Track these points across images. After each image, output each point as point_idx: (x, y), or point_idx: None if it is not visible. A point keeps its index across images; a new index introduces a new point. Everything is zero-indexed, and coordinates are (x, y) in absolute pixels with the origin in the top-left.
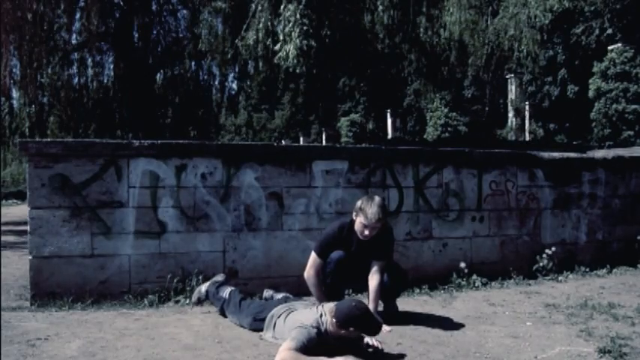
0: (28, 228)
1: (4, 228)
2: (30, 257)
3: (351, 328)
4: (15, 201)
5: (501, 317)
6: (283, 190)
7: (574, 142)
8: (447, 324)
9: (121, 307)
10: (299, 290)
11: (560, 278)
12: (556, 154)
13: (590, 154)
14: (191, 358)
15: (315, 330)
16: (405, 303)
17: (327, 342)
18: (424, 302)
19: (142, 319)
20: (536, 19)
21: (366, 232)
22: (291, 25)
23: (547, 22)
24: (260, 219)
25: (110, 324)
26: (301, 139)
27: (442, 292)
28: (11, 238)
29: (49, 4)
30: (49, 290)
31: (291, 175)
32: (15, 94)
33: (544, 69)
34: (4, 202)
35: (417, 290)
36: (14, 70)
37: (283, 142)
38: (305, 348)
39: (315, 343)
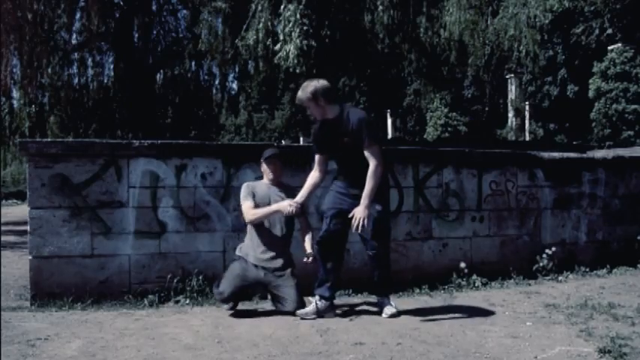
0: (28, 228)
1: (4, 228)
2: (30, 257)
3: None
4: (15, 201)
5: (501, 317)
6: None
7: (574, 142)
8: (446, 324)
9: (121, 307)
10: (301, 291)
11: (560, 278)
12: (556, 154)
13: (590, 154)
14: (191, 358)
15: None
16: (405, 303)
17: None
18: (424, 302)
19: (142, 319)
20: (536, 19)
21: (309, 112)
22: (291, 25)
23: (547, 22)
24: None
25: (110, 324)
26: (301, 139)
27: (442, 292)
28: (11, 238)
29: (49, 4)
30: (49, 290)
31: (291, 175)
32: (15, 94)
33: (544, 69)
34: (4, 202)
35: (417, 290)
36: (14, 70)
37: (283, 142)
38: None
39: (251, 193)
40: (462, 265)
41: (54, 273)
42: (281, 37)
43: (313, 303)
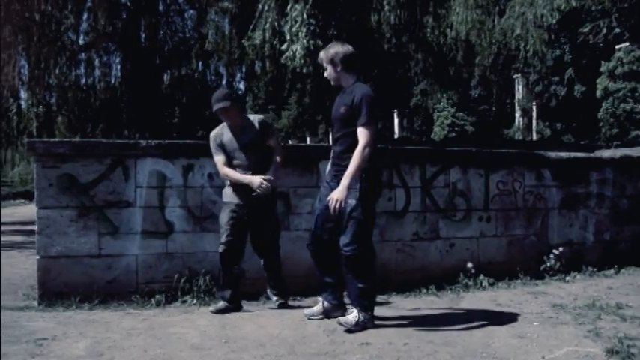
0: (35, 228)
1: (12, 228)
2: (38, 257)
3: None
4: (23, 201)
5: (508, 317)
6: (290, 190)
7: (581, 142)
8: (453, 324)
9: (128, 307)
10: (307, 291)
11: (567, 278)
12: (563, 154)
13: (598, 153)
14: (198, 358)
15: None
16: (413, 303)
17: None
18: (431, 302)
19: (149, 319)
20: (543, 19)
21: (325, 74)
22: (297, 25)
23: (554, 21)
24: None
25: (117, 324)
26: (308, 139)
27: (449, 292)
28: (19, 238)
29: (56, 5)
30: (56, 290)
31: (298, 175)
32: (23, 94)
33: (551, 68)
34: (12, 202)
35: (424, 290)
36: (22, 70)
37: (290, 142)
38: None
39: (219, 144)
40: (469, 265)
41: (61, 273)
42: (288, 37)
43: (320, 303)
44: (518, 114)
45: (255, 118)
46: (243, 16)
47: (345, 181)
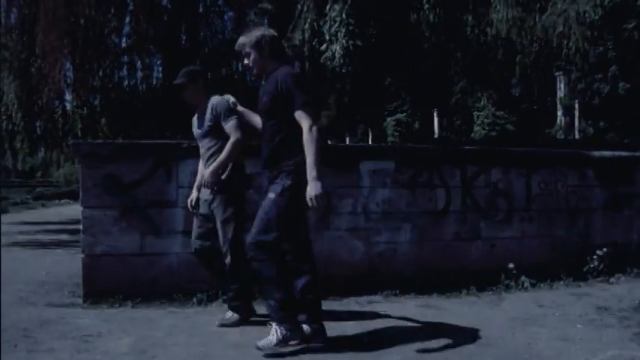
0: (80, 227)
1: (57, 227)
2: (82, 255)
3: None
4: (67, 201)
5: (551, 319)
6: (330, 190)
7: (625, 141)
8: (495, 325)
9: (170, 306)
10: (347, 292)
11: (611, 280)
12: (607, 153)
13: None
14: (239, 356)
15: None
16: (453, 303)
17: None
18: (472, 303)
19: (190, 317)
20: (586, 15)
21: (246, 61)
22: (337, 25)
23: (597, 17)
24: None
25: (160, 322)
26: (347, 138)
27: (490, 293)
28: (65, 237)
29: (100, 10)
30: (100, 288)
31: (338, 175)
32: (68, 96)
33: (594, 66)
34: (57, 202)
35: (465, 291)
36: (67, 73)
37: (329, 141)
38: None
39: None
40: (511, 265)
41: (105, 271)
42: (327, 38)
43: (273, 330)
44: (560, 112)
45: (213, 99)
46: (282, 17)
47: (312, 173)
